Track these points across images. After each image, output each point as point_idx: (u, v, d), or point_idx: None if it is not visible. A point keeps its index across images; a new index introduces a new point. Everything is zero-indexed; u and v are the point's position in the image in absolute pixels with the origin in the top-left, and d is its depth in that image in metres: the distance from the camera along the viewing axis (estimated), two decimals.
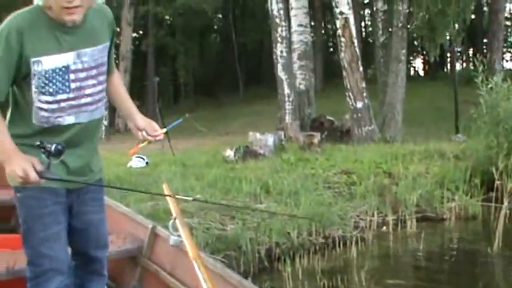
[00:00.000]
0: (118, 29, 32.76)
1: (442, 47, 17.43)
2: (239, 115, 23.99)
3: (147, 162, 10.80)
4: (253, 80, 35.45)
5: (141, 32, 38.16)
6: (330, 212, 6.08)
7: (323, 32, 36.52)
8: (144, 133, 2.72)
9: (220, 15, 39.43)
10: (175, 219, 2.98)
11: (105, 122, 20.40)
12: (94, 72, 2.49)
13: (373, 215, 6.45)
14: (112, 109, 24.78)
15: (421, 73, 40.98)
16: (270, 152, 10.09)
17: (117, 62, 30.42)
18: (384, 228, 6.50)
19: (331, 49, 38.53)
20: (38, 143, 2.30)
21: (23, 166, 2.20)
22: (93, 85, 2.49)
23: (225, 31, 38.01)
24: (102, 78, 2.54)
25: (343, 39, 12.55)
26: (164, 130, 2.66)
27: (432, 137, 12.08)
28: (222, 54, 38.04)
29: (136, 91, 31.03)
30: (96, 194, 2.76)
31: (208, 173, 8.18)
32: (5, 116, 2.41)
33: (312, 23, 25.56)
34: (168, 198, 3.08)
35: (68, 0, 2.25)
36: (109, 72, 2.67)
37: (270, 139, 10.26)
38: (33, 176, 2.20)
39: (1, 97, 2.33)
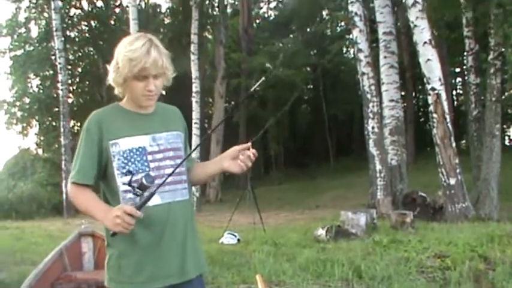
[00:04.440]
0: (211, 100, 34.11)
1: None
2: (329, 188, 23.94)
3: (238, 240, 10.95)
4: (344, 151, 35.43)
5: (232, 103, 39.06)
6: None
7: (414, 102, 36.24)
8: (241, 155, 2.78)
9: (311, 86, 39.88)
10: None
11: (197, 193, 20.83)
12: (171, 154, 2.64)
13: None
14: None
15: None
16: (362, 231, 10.02)
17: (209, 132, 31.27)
18: None
19: (422, 118, 38.13)
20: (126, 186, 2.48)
21: (118, 206, 2.38)
22: (172, 166, 2.59)
23: (316, 102, 38.35)
24: (179, 161, 2.62)
25: (435, 115, 12.45)
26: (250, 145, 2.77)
27: None
28: (312, 125, 38.30)
29: None
30: None
31: (300, 254, 8.20)
32: None
33: (403, 93, 25.54)
34: (259, 284, 3.06)
35: (149, 90, 2.54)
36: (190, 169, 2.80)
37: (362, 218, 10.18)
38: (128, 207, 2.33)
39: (90, 181, 2.56)
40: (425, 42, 12.46)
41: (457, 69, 34.63)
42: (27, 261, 9.07)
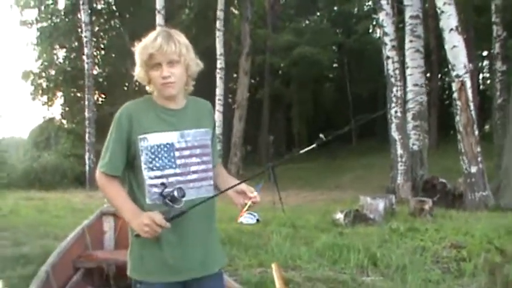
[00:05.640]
0: (235, 75, 33.97)
1: None
2: (350, 168, 23.88)
3: (257, 220, 11.01)
4: (367, 131, 35.22)
5: (257, 79, 38.94)
6: None
7: (439, 84, 35.78)
8: (243, 198, 2.76)
9: (335, 65, 39.59)
10: None
11: None
12: (198, 151, 2.69)
13: None
14: (225, 151, 25.45)
15: None
16: (380, 216, 10.07)
17: (233, 107, 31.28)
18: None
19: (447, 101, 37.69)
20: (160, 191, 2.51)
21: (148, 215, 2.44)
22: (198, 163, 2.68)
23: (340, 80, 38.10)
24: (206, 158, 2.72)
25: (458, 102, 12.37)
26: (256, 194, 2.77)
27: None
28: (336, 104, 38.09)
29: (250, 137, 31.71)
30: (215, 283, 2.81)
31: (318, 238, 8.28)
32: None
33: (428, 74, 25.28)
34: (274, 273, 3.11)
35: (163, 76, 2.56)
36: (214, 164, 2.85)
37: (380, 204, 10.22)
38: (158, 218, 2.41)
39: (118, 172, 2.63)
40: (451, 29, 12.34)
41: (485, 53, 34.07)
42: (50, 235, 9.27)
